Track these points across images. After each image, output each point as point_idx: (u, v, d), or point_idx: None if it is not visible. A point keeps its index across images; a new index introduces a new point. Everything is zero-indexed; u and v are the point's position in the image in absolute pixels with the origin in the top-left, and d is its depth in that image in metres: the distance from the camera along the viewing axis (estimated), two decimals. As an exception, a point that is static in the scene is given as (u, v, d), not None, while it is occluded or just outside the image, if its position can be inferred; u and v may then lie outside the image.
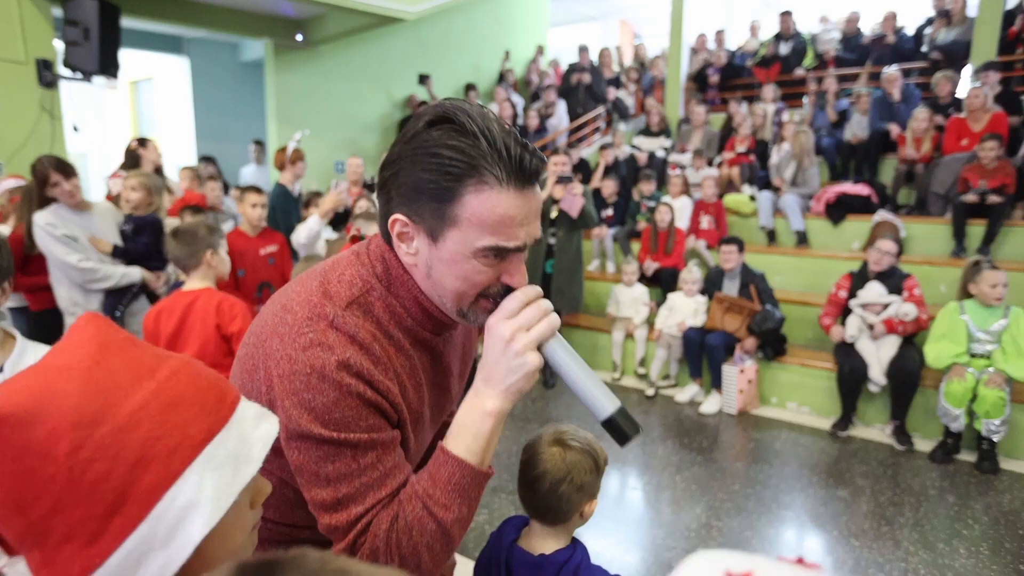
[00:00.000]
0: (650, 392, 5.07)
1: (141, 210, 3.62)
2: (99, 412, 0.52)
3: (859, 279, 4.39)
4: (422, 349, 0.99)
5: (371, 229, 3.19)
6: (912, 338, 4.23)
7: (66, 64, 5.35)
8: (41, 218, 3.22)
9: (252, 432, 0.60)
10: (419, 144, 0.85)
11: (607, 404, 0.86)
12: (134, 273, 3.44)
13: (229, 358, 2.33)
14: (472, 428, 0.87)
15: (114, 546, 0.52)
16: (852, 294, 4.37)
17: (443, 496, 0.85)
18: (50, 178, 3.19)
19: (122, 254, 3.39)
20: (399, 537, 0.85)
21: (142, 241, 3.50)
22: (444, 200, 0.84)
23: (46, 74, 5.38)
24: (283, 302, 0.92)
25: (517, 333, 0.85)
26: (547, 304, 0.88)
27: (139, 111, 10.17)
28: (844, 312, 4.45)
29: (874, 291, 4.26)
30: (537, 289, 0.89)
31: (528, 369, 0.85)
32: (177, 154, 8.91)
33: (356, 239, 1.91)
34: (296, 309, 0.89)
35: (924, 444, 4.07)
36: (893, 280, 4.27)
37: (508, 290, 0.91)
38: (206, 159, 7.06)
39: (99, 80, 5.45)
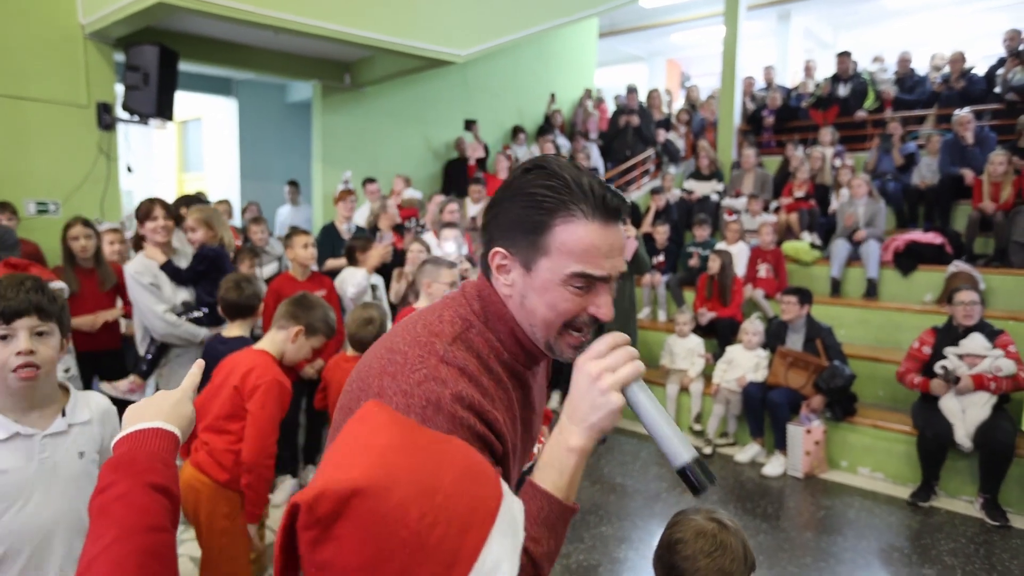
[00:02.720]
0: (707, 450, 4.81)
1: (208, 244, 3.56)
2: (432, 481, 0.60)
3: (946, 334, 4.10)
4: (516, 383, 1.04)
5: (438, 275, 3.09)
6: (1004, 404, 3.90)
7: (125, 107, 5.48)
8: (131, 267, 3.25)
9: (512, 504, 0.67)
10: (516, 187, 0.98)
11: (683, 452, 0.87)
12: (201, 333, 3.35)
13: (233, 421, 2.18)
14: (557, 464, 0.90)
15: None
16: (937, 350, 4.07)
17: (533, 530, 0.87)
18: (152, 212, 3.23)
19: (170, 271, 3.32)
20: None
21: (198, 270, 3.43)
22: (537, 232, 0.95)
23: (105, 117, 5.51)
24: (388, 345, 0.98)
25: (604, 373, 0.89)
26: (633, 349, 0.92)
27: (186, 150, 10.43)
28: (925, 371, 4.13)
29: (977, 343, 3.95)
30: (625, 336, 0.93)
31: (611, 408, 0.88)
32: (221, 193, 9.06)
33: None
34: (405, 349, 0.95)
35: (1021, 521, 3.72)
36: (985, 334, 3.98)
37: (595, 321, 0.98)
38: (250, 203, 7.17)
39: (154, 122, 5.56)
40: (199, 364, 1.13)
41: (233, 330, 2.81)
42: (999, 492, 3.77)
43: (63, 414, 1.49)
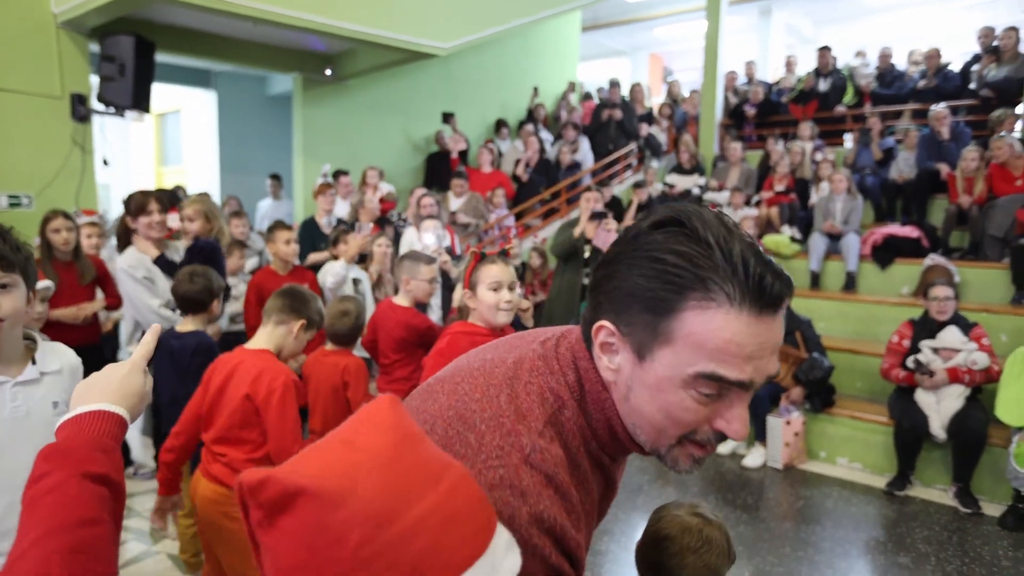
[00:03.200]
0: (689, 442, 4.84)
1: (203, 236, 3.49)
2: (391, 512, 0.53)
3: (922, 327, 4.16)
4: (600, 475, 0.83)
5: (416, 271, 3.08)
6: (977, 394, 3.97)
7: (100, 99, 5.37)
8: (124, 261, 3.18)
9: (501, 562, 0.59)
10: (640, 246, 0.74)
11: None
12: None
13: (249, 430, 2.09)
14: None
15: None
16: (915, 343, 4.14)
17: None
18: (147, 206, 3.15)
19: (165, 265, 3.25)
20: None
21: (187, 260, 3.35)
22: (660, 312, 0.72)
23: (80, 108, 5.39)
24: (461, 411, 0.76)
25: None
26: None
27: (164, 143, 10.26)
28: (903, 363, 4.20)
29: (953, 336, 4.02)
30: None
31: None
32: (200, 187, 8.93)
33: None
34: (481, 428, 0.73)
35: (992, 508, 3.79)
36: (960, 327, 4.06)
37: (721, 437, 0.75)
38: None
39: (130, 114, 5.46)
40: (154, 331, 1.05)
41: (187, 324, 2.76)
42: (971, 480, 3.85)
43: (33, 362, 1.44)
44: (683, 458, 0.78)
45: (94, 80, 5.56)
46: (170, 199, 4.52)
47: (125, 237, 3.36)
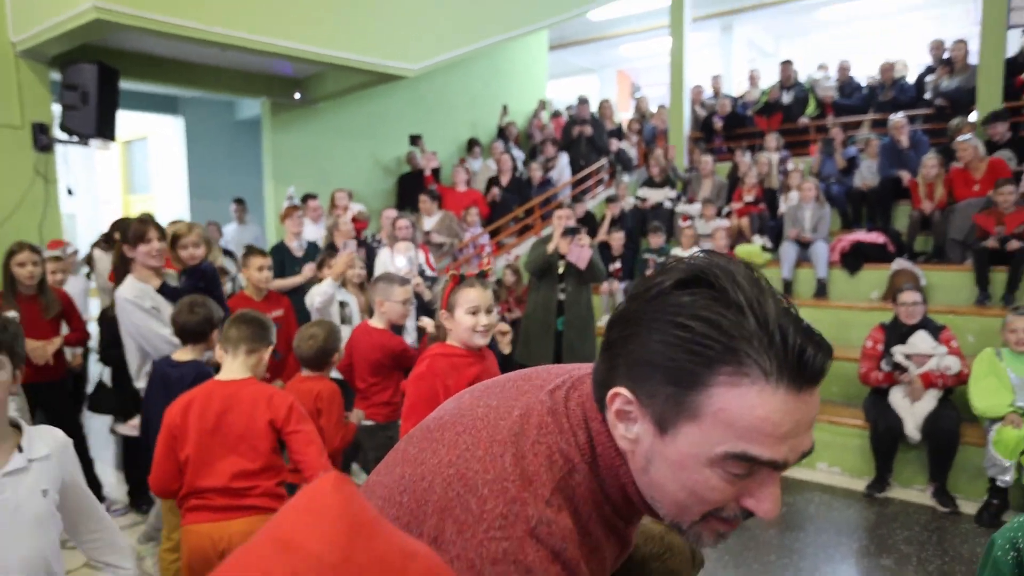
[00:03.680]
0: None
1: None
2: None
3: (894, 331, 4.23)
4: (615, 539, 0.77)
5: (390, 293, 3.05)
6: (949, 394, 4.04)
7: (63, 128, 5.27)
8: (128, 292, 3.01)
9: None
10: (663, 307, 0.67)
11: None
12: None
13: (276, 455, 2.15)
14: None
15: None
16: (887, 347, 4.20)
17: None
18: (146, 234, 3.02)
19: (169, 293, 3.15)
20: None
21: (199, 287, 3.27)
22: (686, 386, 0.65)
23: (42, 138, 5.29)
24: (462, 470, 0.71)
25: None
26: None
27: (131, 171, 10.10)
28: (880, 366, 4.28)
29: (924, 341, 4.09)
30: None
31: None
32: (169, 213, 8.79)
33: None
34: (484, 491, 0.68)
35: (968, 506, 3.85)
36: (929, 331, 4.14)
37: (748, 515, 0.69)
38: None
39: (95, 142, 5.37)
40: None
41: (184, 354, 2.72)
42: (947, 480, 3.90)
43: (20, 450, 1.39)
44: (707, 534, 0.72)
45: (56, 109, 5.46)
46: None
47: (123, 267, 3.22)
